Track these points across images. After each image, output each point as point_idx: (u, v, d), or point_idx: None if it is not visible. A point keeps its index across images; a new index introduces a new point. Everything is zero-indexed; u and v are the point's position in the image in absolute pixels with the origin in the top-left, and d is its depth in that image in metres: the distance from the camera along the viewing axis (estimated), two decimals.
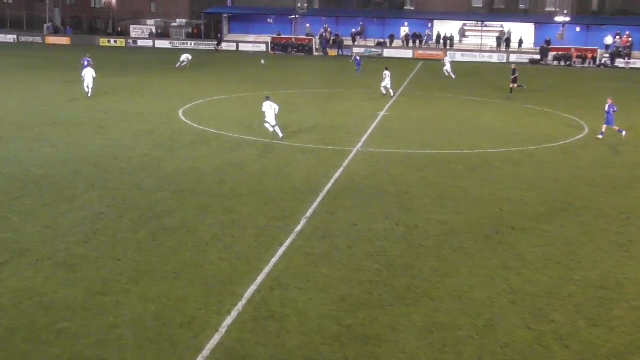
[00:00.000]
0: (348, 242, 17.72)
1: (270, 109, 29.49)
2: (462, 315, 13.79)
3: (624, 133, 31.81)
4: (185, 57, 60.58)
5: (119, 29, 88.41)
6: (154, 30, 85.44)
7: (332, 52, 76.28)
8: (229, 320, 13.27)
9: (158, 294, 14.38)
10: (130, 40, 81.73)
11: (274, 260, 16.37)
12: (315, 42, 78.16)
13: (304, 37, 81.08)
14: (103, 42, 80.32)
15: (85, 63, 45.20)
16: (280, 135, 29.64)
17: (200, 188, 22.36)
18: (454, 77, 57.02)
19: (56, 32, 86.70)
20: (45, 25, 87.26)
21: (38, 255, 16.32)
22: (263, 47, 79.17)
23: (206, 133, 31.18)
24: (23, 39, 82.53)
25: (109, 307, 13.77)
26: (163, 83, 48.38)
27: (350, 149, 28.53)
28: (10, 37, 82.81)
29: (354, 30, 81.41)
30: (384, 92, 44.35)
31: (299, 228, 18.67)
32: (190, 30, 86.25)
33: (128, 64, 59.73)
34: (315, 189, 22.55)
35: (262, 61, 66.47)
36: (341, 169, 25.25)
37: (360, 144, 29.61)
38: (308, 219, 19.50)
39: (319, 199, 21.41)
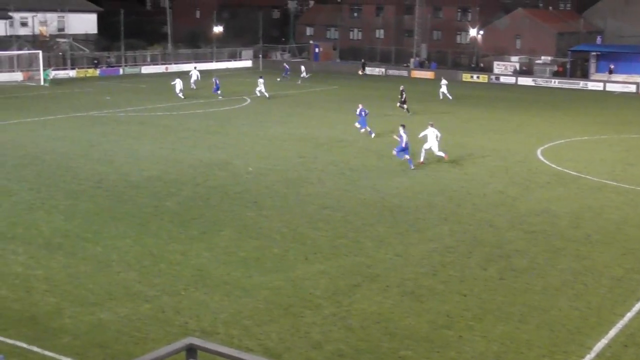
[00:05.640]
0: None
1: None
2: None
3: (372, 135, 37.27)
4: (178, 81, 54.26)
5: (482, 64, 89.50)
6: (517, 67, 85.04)
7: None
8: None
9: (501, 335, 14.11)
10: (492, 76, 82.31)
11: (629, 315, 15.22)
12: None
13: None
14: (466, 77, 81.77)
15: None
16: None
17: (554, 230, 21.61)
18: (450, 98, 56.75)
19: (421, 66, 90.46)
20: (411, 60, 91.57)
21: (388, 282, 16.96)
22: (633, 88, 74.51)
23: (564, 174, 30.10)
24: (390, 72, 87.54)
25: (451, 341, 13.82)
26: (523, 120, 47.81)
27: None
28: (378, 71, 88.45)
29: None
30: (259, 95, 54.35)
31: None
32: (555, 68, 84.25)
33: (491, 100, 60.12)
34: None
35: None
36: None
37: None
38: None
39: None
